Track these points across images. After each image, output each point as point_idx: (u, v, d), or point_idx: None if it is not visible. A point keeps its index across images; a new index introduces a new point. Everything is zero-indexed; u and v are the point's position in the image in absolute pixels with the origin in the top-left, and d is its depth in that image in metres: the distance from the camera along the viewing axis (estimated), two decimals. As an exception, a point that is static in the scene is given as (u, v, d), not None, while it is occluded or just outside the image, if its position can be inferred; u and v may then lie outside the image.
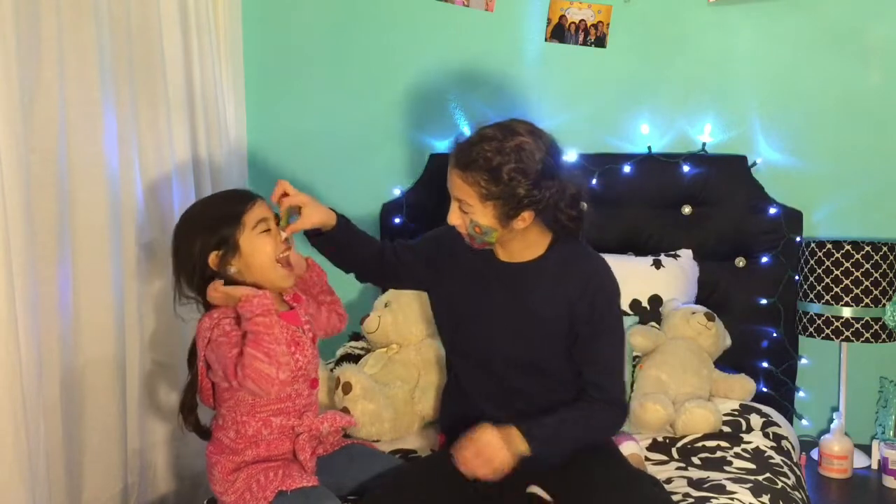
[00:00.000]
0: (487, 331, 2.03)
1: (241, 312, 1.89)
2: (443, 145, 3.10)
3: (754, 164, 2.84)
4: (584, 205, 2.02)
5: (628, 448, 2.21)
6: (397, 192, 3.11)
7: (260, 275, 1.96)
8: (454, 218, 1.95)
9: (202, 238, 1.95)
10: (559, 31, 2.98)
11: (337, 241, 2.10)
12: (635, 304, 2.67)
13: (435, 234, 2.17)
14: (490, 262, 2.06)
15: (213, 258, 1.94)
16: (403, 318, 2.57)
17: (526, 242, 2.01)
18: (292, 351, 1.96)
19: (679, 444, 2.32)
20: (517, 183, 1.86)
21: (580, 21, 2.95)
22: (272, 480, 1.91)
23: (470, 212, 1.91)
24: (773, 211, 2.79)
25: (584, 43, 2.96)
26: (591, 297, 1.98)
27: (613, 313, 2.03)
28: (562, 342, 1.99)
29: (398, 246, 2.18)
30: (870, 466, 2.70)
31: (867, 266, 2.59)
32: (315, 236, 2.09)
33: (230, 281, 1.96)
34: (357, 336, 2.81)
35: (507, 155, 1.86)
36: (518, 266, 2.03)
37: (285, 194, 2.03)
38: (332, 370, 2.47)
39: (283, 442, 2.00)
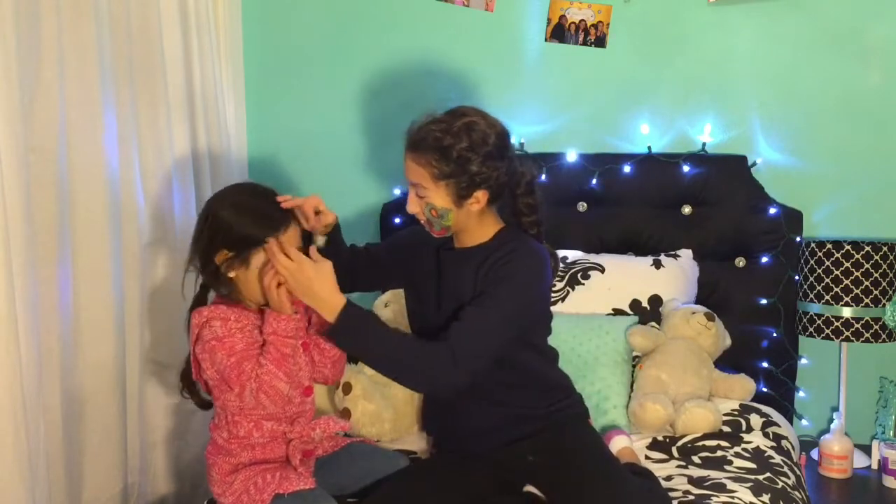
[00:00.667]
0: (436, 318, 2.03)
1: (272, 327, 1.89)
2: (443, 145, 3.11)
3: (754, 164, 2.84)
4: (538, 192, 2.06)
5: (619, 442, 2.22)
6: (397, 192, 3.11)
7: (261, 294, 1.95)
8: (412, 206, 1.99)
9: (222, 231, 1.93)
10: (559, 31, 2.98)
11: (335, 244, 2.13)
12: (635, 304, 2.67)
13: (409, 230, 2.24)
14: (448, 250, 2.10)
15: (220, 255, 1.94)
16: (403, 317, 2.56)
17: (481, 231, 2.04)
18: None
19: (679, 444, 2.32)
20: (467, 160, 1.91)
21: (580, 21, 2.96)
22: (269, 483, 1.91)
23: (425, 195, 1.95)
24: (773, 211, 2.79)
25: (584, 43, 2.96)
26: (490, 270, 1.96)
27: (503, 292, 1.93)
28: None
29: (370, 247, 2.29)
30: (870, 466, 2.70)
31: (867, 266, 2.59)
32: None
33: (226, 280, 1.96)
34: (357, 336, 2.81)
35: (455, 134, 1.91)
36: (462, 251, 2.06)
37: (317, 211, 2.06)
38: (332, 370, 2.48)
39: (277, 446, 2.00)
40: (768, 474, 2.13)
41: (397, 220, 3.04)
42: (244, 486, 1.94)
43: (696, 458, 2.23)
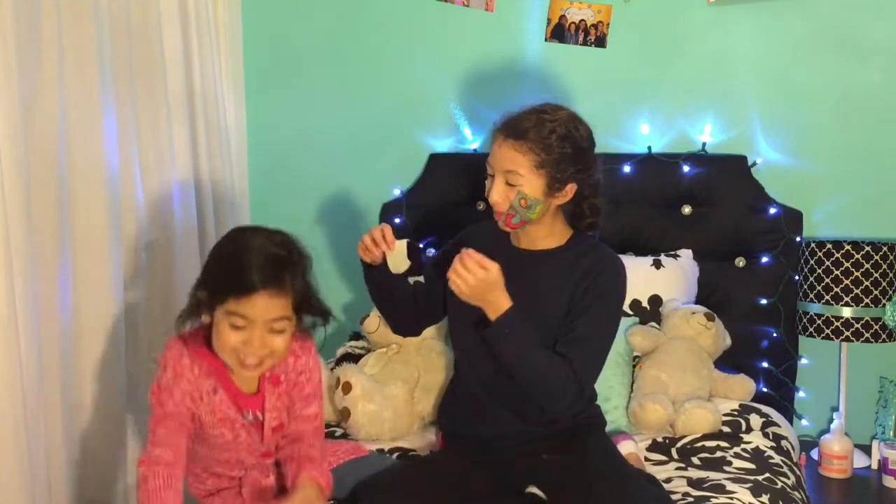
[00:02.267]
0: None
1: None
2: (443, 145, 3.11)
3: (754, 164, 2.84)
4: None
5: (626, 447, 2.22)
6: (397, 192, 3.11)
7: (219, 351, 1.77)
8: (497, 194, 1.97)
9: (209, 266, 1.78)
10: (559, 31, 2.98)
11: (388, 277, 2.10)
12: (635, 304, 2.67)
13: (453, 242, 2.21)
14: (506, 248, 2.08)
15: (201, 294, 1.76)
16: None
17: (550, 230, 2.05)
18: (235, 429, 1.83)
19: (679, 445, 2.32)
20: (566, 153, 1.94)
21: (580, 21, 2.96)
22: None
23: (519, 183, 1.94)
24: (773, 211, 2.79)
25: (584, 43, 2.96)
26: (591, 281, 1.98)
27: (607, 301, 2.00)
28: (560, 330, 1.98)
29: (424, 278, 2.23)
30: (870, 466, 2.70)
31: (867, 266, 2.59)
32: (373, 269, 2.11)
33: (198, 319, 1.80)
34: (357, 336, 2.81)
35: (559, 124, 1.95)
36: (535, 253, 2.05)
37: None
38: (332, 370, 2.48)
39: (232, 496, 1.91)
40: (768, 475, 2.13)
41: (397, 220, 3.04)
42: (222, 500, 1.89)
43: (695, 460, 2.23)
